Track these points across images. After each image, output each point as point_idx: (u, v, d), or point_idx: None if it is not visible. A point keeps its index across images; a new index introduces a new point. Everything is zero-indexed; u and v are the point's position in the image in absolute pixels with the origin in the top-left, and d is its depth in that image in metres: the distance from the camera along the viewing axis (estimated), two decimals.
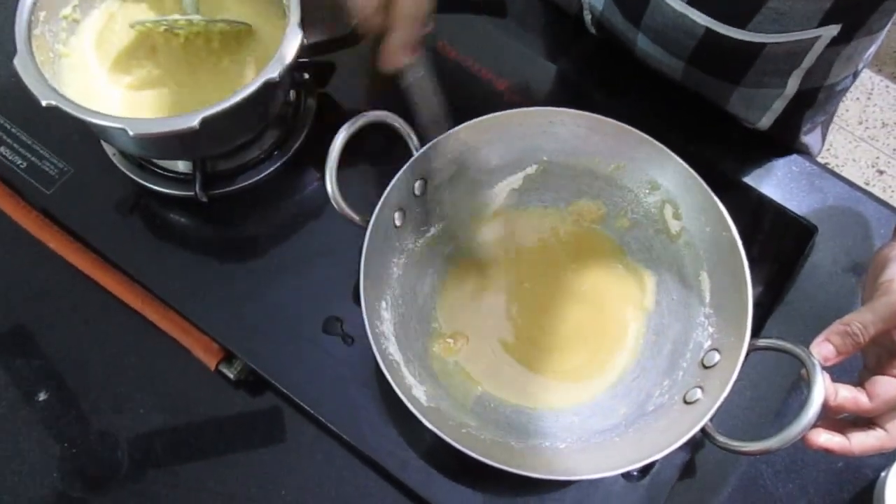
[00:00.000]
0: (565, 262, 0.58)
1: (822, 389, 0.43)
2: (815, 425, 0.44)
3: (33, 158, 0.62)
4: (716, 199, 0.51)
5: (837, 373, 0.47)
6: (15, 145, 0.62)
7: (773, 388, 0.57)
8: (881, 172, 1.53)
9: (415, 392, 0.49)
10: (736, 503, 0.54)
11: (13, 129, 0.63)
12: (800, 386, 0.57)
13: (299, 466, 0.54)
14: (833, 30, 0.53)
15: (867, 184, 1.50)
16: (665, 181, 0.54)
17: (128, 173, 0.60)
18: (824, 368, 0.44)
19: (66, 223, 0.60)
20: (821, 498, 0.54)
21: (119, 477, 0.54)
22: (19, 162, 0.62)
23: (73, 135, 0.62)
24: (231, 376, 0.56)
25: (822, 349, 0.45)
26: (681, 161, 0.52)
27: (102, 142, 0.61)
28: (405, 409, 0.45)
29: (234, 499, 0.54)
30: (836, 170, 0.66)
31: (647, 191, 0.56)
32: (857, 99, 1.59)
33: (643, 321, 0.56)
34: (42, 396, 0.56)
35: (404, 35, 0.48)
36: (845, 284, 0.61)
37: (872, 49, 0.60)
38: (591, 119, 0.54)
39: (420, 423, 0.45)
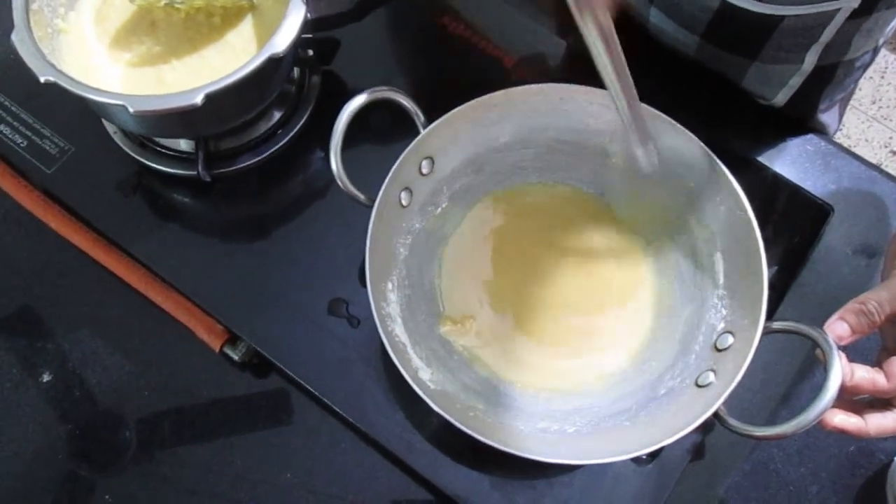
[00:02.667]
0: (576, 243, 0.57)
1: (840, 374, 0.42)
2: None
3: (34, 137, 0.61)
4: (731, 178, 0.50)
5: (852, 353, 0.46)
6: (15, 123, 0.61)
7: (782, 370, 0.56)
8: (894, 153, 1.51)
9: (421, 374, 0.48)
10: (746, 487, 0.53)
11: (13, 108, 0.62)
12: (810, 368, 0.56)
13: (304, 449, 0.54)
14: (853, 1, 0.52)
15: (880, 164, 1.48)
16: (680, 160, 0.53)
17: (129, 152, 0.59)
18: (839, 348, 0.43)
19: (68, 203, 0.59)
20: (833, 482, 0.54)
21: (125, 459, 0.54)
22: (19, 140, 0.61)
23: (74, 113, 0.61)
24: (235, 358, 0.55)
25: (837, 328, 0.44)
26: (696, 139, 0.51)
27: (104, 120, 0.60)
28: (411, 391, 0.45)
29: (239, 480, 0.53)
30: None
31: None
32: (871, 78, 1.56)
33: (655, 303, 0.55)
34: (46, 378, 0.56)
35: None
36: (860, 265, 0.60)
37: (894, 23, 0.58)
38: (603, 96, 0.52)
39: (426, 405, 0.44)
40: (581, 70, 0.67)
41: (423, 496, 0.53)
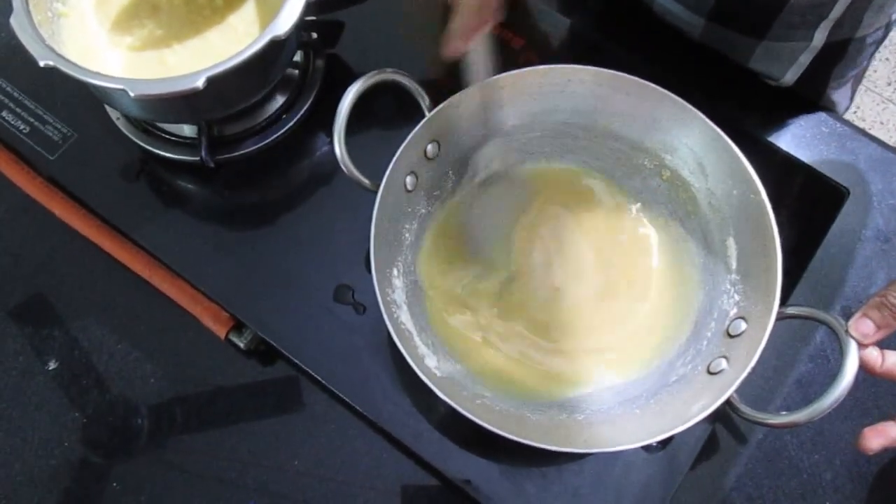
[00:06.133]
0: (585, 227, 0.56)
1: (856, 360, 0.41)
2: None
3: (36, 123, 0.60)
4: (744, 160, 0.48)
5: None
6: (17, 110, 0.61)
7: (795, 356, 0.55)
8: None
9: (427, 362, 0.48)
10: (759, 474, 0.52)
11: (15, 93, 0.61)
12: (824, 353, 0.55)
13: (312, 436, 0.54)
14: None
15: None
16: (690, 142, 0.52)
17: (133, 138, 0.59)
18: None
19: (71, 190, 0.59)
20: (847, 469, 0.53)
21: (133, 447, 0.53)
22: (22, 127, 0.60)
23: (77, 98, 0.61)
24: (241, 346, 0.55)
25: (861, 326, 0.42)
26: (707, 121, 0.50)
27: (106, 105, 0.59)
28: (418, 378, 0.44)
29: (247, 467, 0.53)
30: None
31: (672, 152, 0.53)
32: (887, 59, 1.54)
33: (666, 289, 0.54)
34: (52, 365, 0.56)
35: (463, 21, 0.46)
36: (876, 249, 0.58)
37: None
38: (613, 77, 0.51)
39: (433, 393, 0.44)
40: (586, 50, 0.66)
41: (432, 483, 0.52)
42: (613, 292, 0.55)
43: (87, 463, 0.53)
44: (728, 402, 0.44)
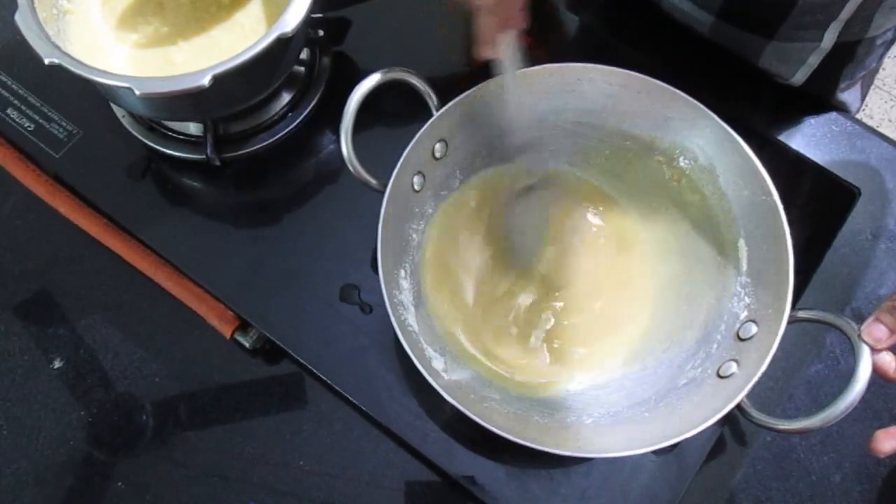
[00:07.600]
0: (593, 227, 0.56)
1: (869, 365, 0.41)
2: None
3: (41, 121, 0.60)
4: (756, 160, 0.48)
5: None
6: (22, 107, 0.61)
7: (804, 357, 0.55)
8: None
9: (434, 364, 0.47)
10: (768, 476, 0.52)
11: (20, 91, 0.61)
12: (833, 354, 0.55)
13: (317, 435, 0.54)
14: None
15: None
16: (701, 142, 0.51)
17: (138, 136, 0.58)
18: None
19: (76, 188, 0.59)
20: (856, 472, 0.52)
21: (138, 445, 0.53)
22: (27, 124, 0.60)
23: (82, 96, 0.61)
24: (246, 345, 0.54)
25: (874, 331, 0.42)
26: (718, 120, 0.49)
27: (111, 103, 0.59)
28: (425, 380, 0.44)
29: (252, 466, 0.53)
30: None
31: (682, 152, 0.53)
32: (895, 57, 1.52)
33: (676, 290, 0.54)
34: (57, 364, 0.55)
35: (482, 25, 0.45)
36: (887, 250, 0.58)
37: None
38: (623, 76, 0.50)
39: (440, 395, 0.43)
40: (594, 47, 0.65)
41: (437, 482, 0.52)
42: (622, 292, 0.54)
43: (92, 461, 0.53)
44: (739, 407, 0.44)
